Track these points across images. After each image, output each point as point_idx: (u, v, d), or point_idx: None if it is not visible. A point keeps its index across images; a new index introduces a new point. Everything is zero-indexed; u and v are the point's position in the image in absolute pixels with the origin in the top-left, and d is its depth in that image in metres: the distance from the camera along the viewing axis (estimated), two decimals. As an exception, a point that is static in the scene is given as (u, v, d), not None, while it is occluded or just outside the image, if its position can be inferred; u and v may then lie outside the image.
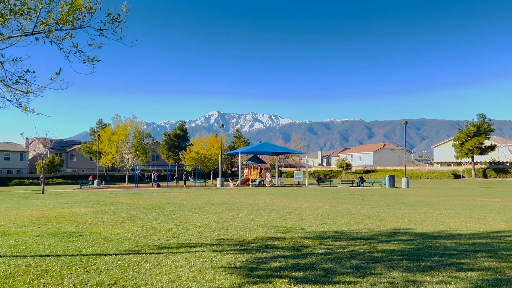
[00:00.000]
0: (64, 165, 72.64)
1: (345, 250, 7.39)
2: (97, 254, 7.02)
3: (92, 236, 8.94)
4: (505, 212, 14.95)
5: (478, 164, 66.88)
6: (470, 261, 6.48)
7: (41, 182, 54.30)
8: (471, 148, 62.19)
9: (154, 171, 52.65)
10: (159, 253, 7.11)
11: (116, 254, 7.01)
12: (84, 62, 6.33)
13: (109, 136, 53.78)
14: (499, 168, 63.66)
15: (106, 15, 6.35)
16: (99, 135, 54.35)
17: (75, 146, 76.92)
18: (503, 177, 60.64)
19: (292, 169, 78.20)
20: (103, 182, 47.59)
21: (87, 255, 6.97)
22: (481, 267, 6.12)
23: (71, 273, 5.79)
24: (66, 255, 6.93)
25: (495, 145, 64.94)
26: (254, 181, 44.29)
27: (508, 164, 64.33)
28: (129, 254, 7.06)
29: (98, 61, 6.35)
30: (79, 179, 54.12)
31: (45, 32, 6.02)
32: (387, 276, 5.62)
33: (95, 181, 47.34)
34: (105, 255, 6.98)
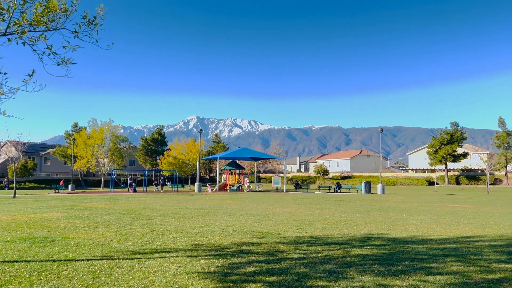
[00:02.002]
0: (38, 169, 70.83)
1: (319, 255, 7.48)
2: (68, 260, 6.89)
3: (64, 241, 8.77)
4: (475, 218, 15.38)
5: (451, 171, 68.63)
6: (440, 265, 6.66)
7: (5, 185, 52.90)
8: (444, 155, 63.82)
9: (130, 176, 51.94)
10: (132, 259, 7.04)
11: (88, 260, 6.90)
12: (58, 64, 6.23)
13: (84, 140, 52.71)
14: (471, 175, 65.51)
15: (82, 17, 6.28)
16: (74, 138, 53.17)
17: (49, 150, 75.05)
18: (475, 184, 62.39)
19: (270, 174, 78.42)
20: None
21: (58, 260, 6.84)
22: (450, 271, 6.29)
23: (41, 279, 5.67)
24: (36, 261, 6.78)
25: (468, 153, 66.87)
26: (232, 186, 44.22)
27: (479, 171, 66.23)
28: (101, 259, 6.96)
29: (73, 63, 6.27)
30: (53, 183, 52.87)
31: (18, 33, 5.91)
32: (359, 280, 5.72)
33: (69, 186, 46.34)
34: (77, 260, 6.86)
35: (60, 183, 48.47)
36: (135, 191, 40.37)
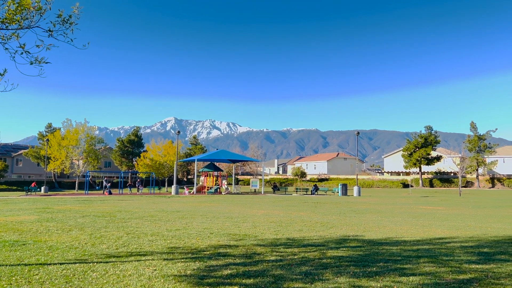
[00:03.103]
0: (9, 171, 68.81)
1: (296, 257, 7.52)
2: (40, 264, 6.72)
3: (36, 245, 8.54)
4: (448, 219, 15.78)
5: (425, 174, 70.20)
6: (413, 266, 6.80)
7: None
8: (419, 158, 65.24)
9: (105, 178, 51.02)
10: (107, 262, 6.92)
11: (61, 263, 6.74)
12: (31, 64, 6.08)
13: (58, 141, 51.50)
14: (444, 178, 67.14)
15: (57, 16, 6.15)
16: (47, 139, 51.93)
17: (22, 151, 73.02)
18: (448, 187, 63.97)
19: (248, 177, 78.44)
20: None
21: (29, 264, 6.66)
22: (423, 272, 6.44)
23: (11, 284, 5.52)
24: (6, 265, 6.58)
25: (441, 156, 68.56)
26: (210, 188, 44.02)
27: (452, 174, 67.93)
28: (75, 263, 6.81)
29: (46, 62, 6.12)
30: (25, 185, 51.45)
31: (-11, 30, 5.74)
32: (334, 281, 5.78)
33: (42, 188, 45.20)
34: (49, 264, 6.70)
35: (32, 185, 47.20)
36: (110, 193, 39.68)
